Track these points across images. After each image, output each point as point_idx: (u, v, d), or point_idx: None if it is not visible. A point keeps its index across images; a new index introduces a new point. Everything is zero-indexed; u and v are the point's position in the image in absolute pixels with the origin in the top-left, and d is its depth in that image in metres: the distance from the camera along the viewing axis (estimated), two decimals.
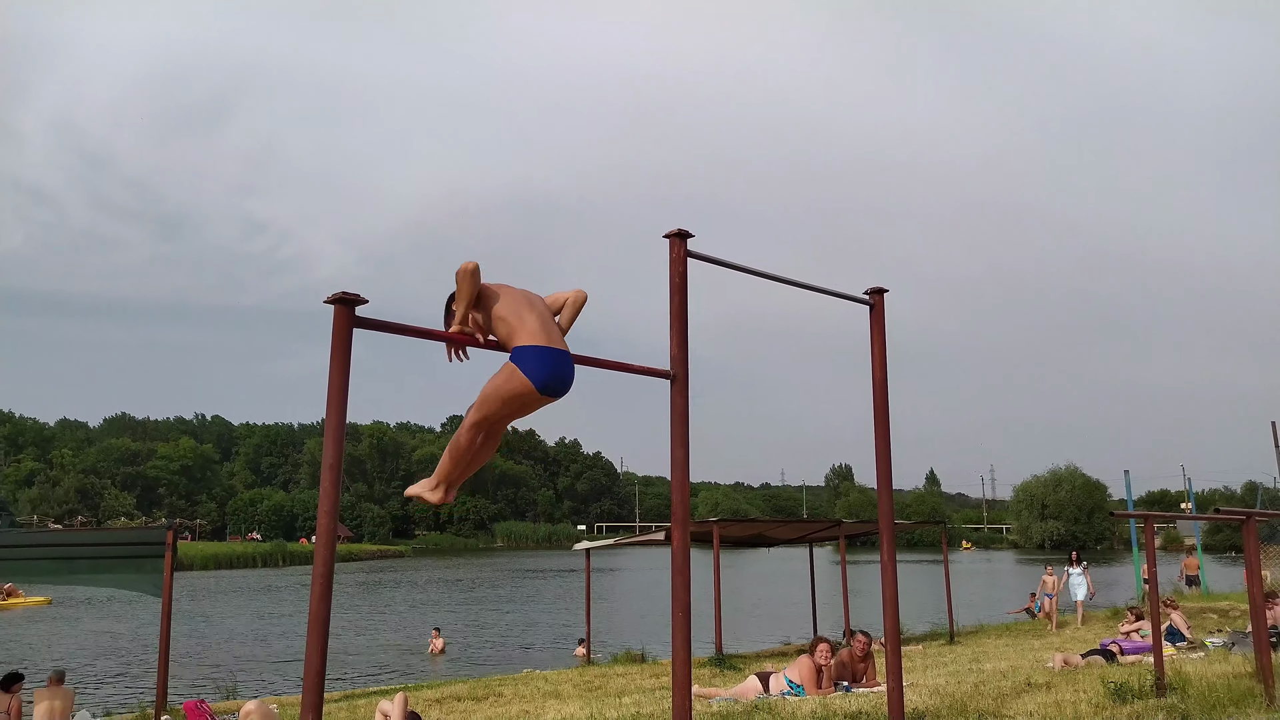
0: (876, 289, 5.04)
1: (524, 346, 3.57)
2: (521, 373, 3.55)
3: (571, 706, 9.11)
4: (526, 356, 3.56)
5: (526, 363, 3.55)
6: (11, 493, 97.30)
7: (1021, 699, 7.42)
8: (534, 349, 3.56)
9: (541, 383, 3.56)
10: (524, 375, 3.54)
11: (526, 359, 3.55)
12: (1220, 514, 8.99)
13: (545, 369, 3.56)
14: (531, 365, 3.55)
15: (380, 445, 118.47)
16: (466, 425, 3.70)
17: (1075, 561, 19.57)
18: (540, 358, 3.56)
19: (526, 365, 3.55)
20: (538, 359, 3.56)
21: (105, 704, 14.57)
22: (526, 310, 3.67)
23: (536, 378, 3.55)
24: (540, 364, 3.55)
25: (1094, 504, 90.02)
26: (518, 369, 3.56)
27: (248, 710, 6.69)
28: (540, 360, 3.56)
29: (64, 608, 33.66)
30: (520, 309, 3.67)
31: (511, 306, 3.67)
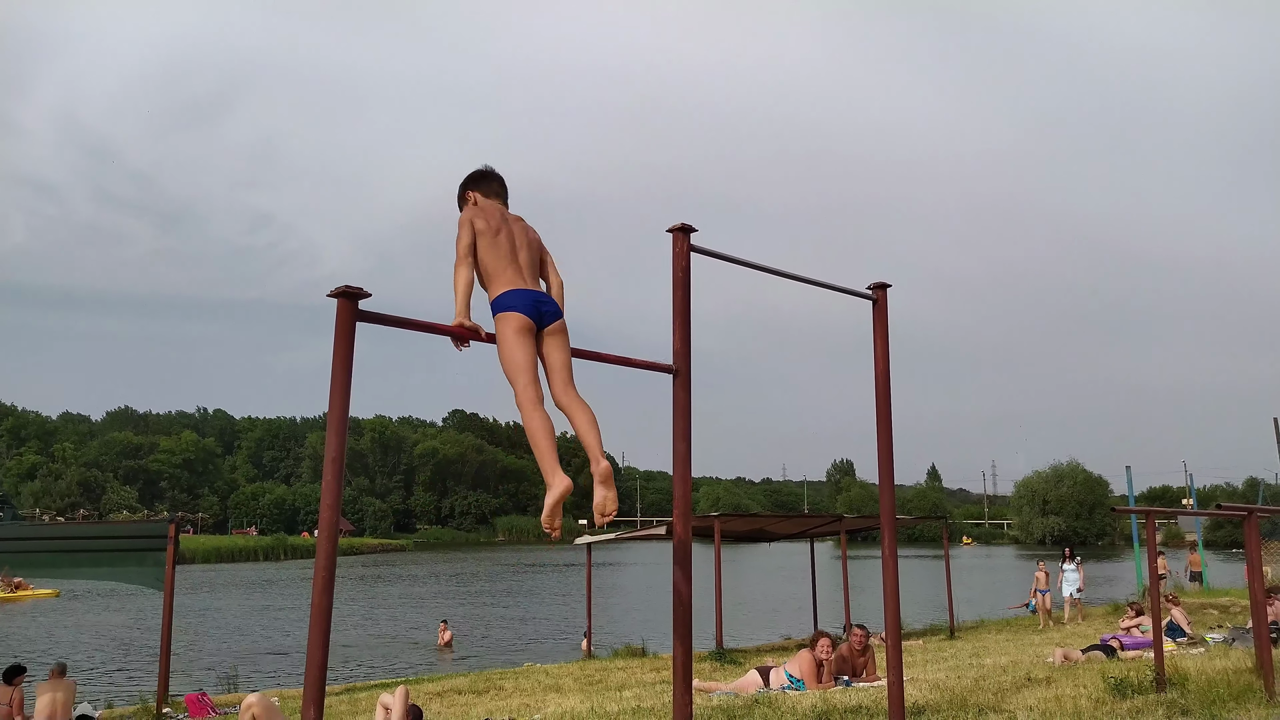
0: (879, 284, 5.04)
1: (500, 294, 3.76)
2: (508, 312, 3.72)
3: (572, 700, 9.13)
4: (503, 301, 3.75)
5: (506, 304, 3.73)
6: (14, 486, 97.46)
7: (1022, 694, 7.43)
8: (506, 293, 3.75)
9: (528, 310, 3.74)
10: (513, 312, 3.71)
11: (505, 302, 3.74)
12: (1222, 510, 8.99)
13: (525, 301, 3.74)
14: (511, 302, 3.73)
15: (382, 439, 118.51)
16: (522, 403, 3.67)
17: (1069, 557, 19.59)
18: (516, 295, 3.75)
19: (508, 305, 3.73)
20: (514, 297, 3.74)
21: (107, 696, 14.61)
22: (507, 263, 3.83)
23: (522, 308, 3.73)
24: (518, 299, 3.74)
25: (1095, 500, 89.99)
26: (505, 313, 3.73)
27: (249, 703, 6.71)
28: (517, 297, 3.75)
29: (71, 600, 33.76)
30: (502, 261, 3.83)
31: (493, 258, 3.83)
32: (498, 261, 3.82)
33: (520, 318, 3.71)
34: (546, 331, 3.79)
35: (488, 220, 3.90)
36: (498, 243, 3.85)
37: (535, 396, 3.65)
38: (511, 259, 3.85)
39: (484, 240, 3.84)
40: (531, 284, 3.86)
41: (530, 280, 3.87)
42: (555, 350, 3.80)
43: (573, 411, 3.77)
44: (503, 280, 3.79)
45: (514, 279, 3.80)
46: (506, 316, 3.72)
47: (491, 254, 3.83)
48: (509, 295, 3.75)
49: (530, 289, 3.81)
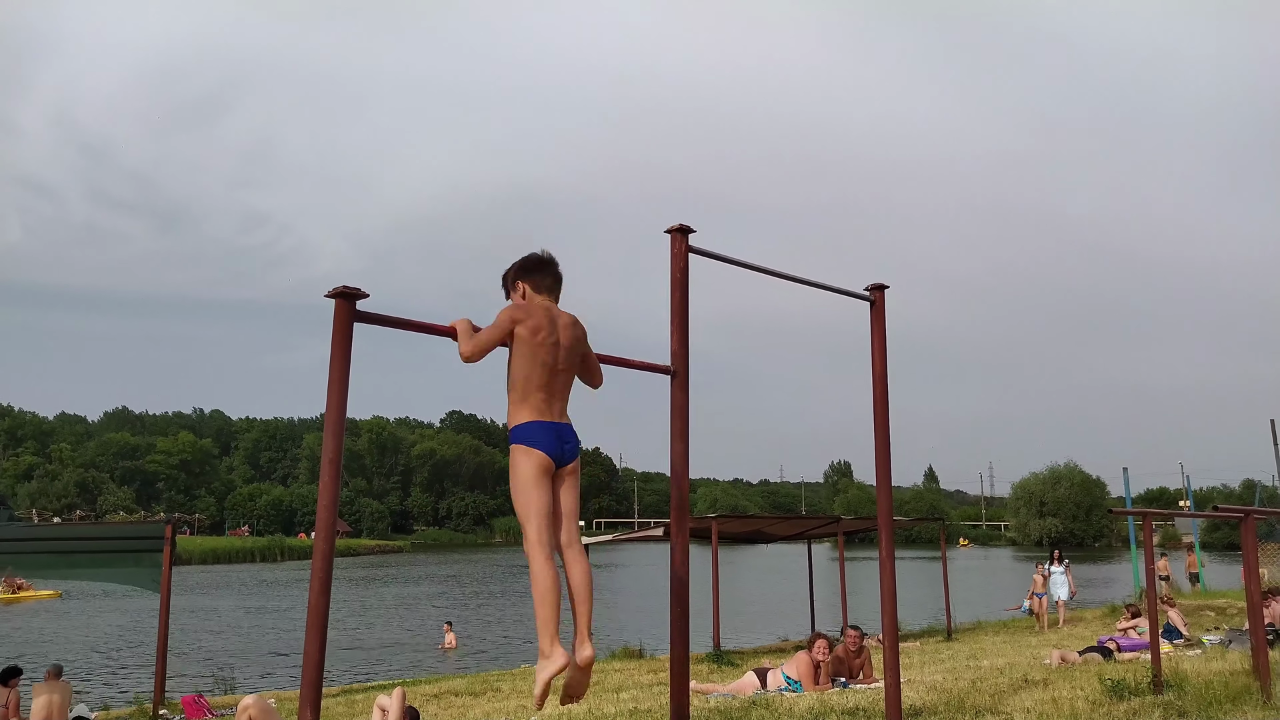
0: (877, 285, 5.04)
1: (522, 424, 3.51)
2: (531, 449, 3.48)
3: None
4: (525, 434, 3.50)
5: (529, 439, 3.49)
6: (10, 487, 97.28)
7: (1019, 695, 7.43)
8: (531, 425, 3.50)
9: (551, 449, 3.49)
10: (536, 450, 3.47)
11: (527, 436, 3.49)
12: (1218, 511, 9.01)
13: (549, 438, 3.49)
14: (535, 438, 3.48)
15: (379, 440, 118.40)
16: (532, 552, 3.43)
17: (1057, 560, 19.16)
18: (539, 430, 3.50)
19: (531, 440, 3.49)
20: (539, 432, 3.49)
21: (103, 698, 14.58)
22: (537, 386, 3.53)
23: (546, 447, 3.48)
24: (543, 436, 3.49)
25: (1092, 501, 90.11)
26: (524, 447, 3.49)
27: (245, 705, 6.70)
28: (542, 432, 3.49)
29: (68, 601, 33.71)
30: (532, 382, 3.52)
31: (525, 375, 3.52)
32: (529, 380, 3.51)
33: (542, 458, 3.46)
34: (563, 471, 3.56)
35: (533, 326, 3.52)
36: (537, 354, 3.51)
37: (549, 547, 3.44)
38: (546, 381, 3.54)
39: (522, 348, 3.51)
40: (559, 412, 3.58)
41: (559, 406, 3.60)
42: (568, 494, 3.59)
43: (572, 565, 3.57)
44: (529, 406, 3.51)
45: (540, 406, 3.52)
46: (528, 452, 3.46)
47: (527, 367, 3.51)
48: (533, 428, 3.48)
49: (556, 422, 3.54)
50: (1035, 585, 19.83)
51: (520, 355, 3.51)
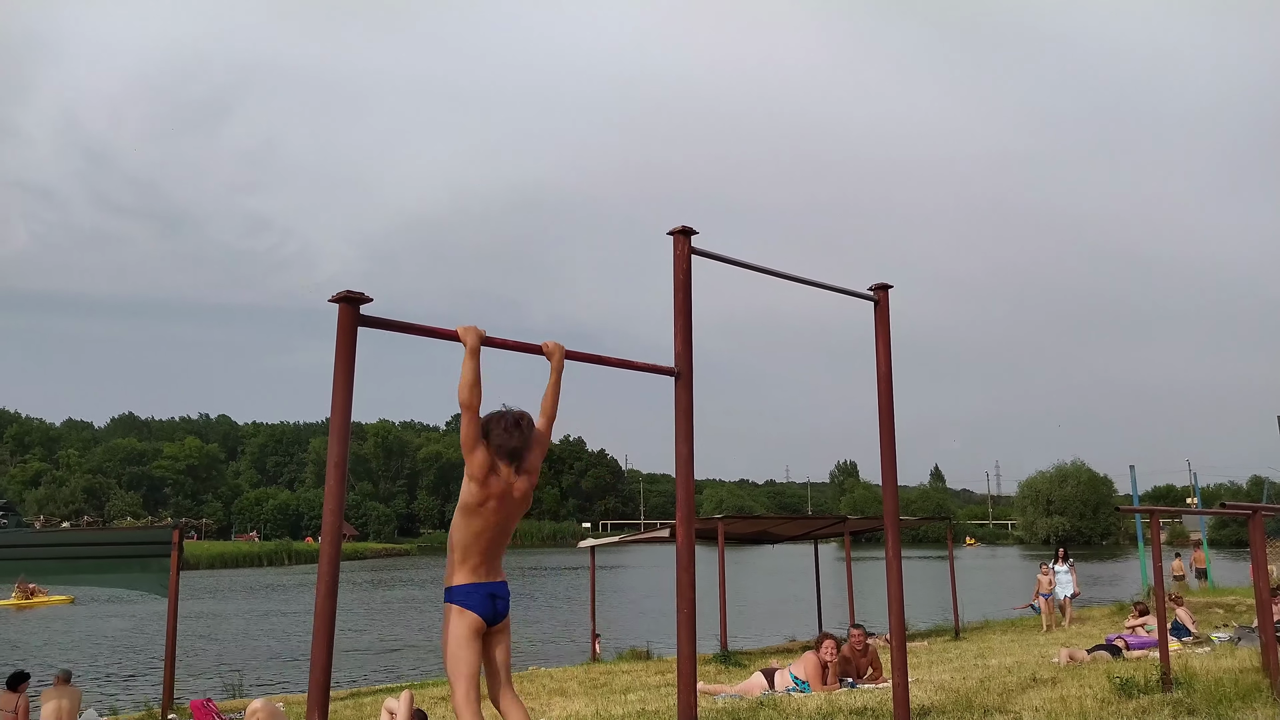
0: (881, 285, 5.03)
1: (458, 586, 3.75)
2: (464, 610, 3.72)
3: (577, 704, 9.12)
4: (460, 595, 3.74)
5: (463, 601, 3.73)
6: (18, 493, 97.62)
7: (1027, 694, 7.42)
8: (467, 587, 3.74)
9: (484, 611, 3.75)
10: (467, 611, 3.72)
11: (461, 597, 3.74)
12: (1226, 508, 8.98)
13: (483, 601, 3.75)
14: (469, 601, 3.73)
15: (385, 444, 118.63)
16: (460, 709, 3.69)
17: (1061, 558, 18.77)
18: (474, 593, 3.75)
19: (465, 602, 3.73)
20: (473, 595, 3.74)
21: (112, 703, 14.62)
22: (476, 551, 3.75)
23: (479, 609, 3.73)
24: (477, 598, 3.74)
25: (1100, 499, 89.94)
26: (457, 608, 3.73)
27: (254, 708, 6.71)
28: (476, 595, 3.75)
29: (80, 606, 33.81)
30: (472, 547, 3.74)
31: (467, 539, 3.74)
32: (469, 544, 3.74)
33: (474, 620, 3.71)
34: (494, 630, 3.82)
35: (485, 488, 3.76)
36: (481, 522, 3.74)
37: (477, 705, 3.71)
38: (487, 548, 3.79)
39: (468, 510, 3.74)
40: (495, 570, 3.84)
41: (496, 564, 3.85)
42: (499, 650, 3.85)
43: (511, 709, 3.85)
44: (466, 568, 3.75)
45: (478, 569, 3.76)
46: (461, 613, 3.72)
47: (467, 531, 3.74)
48: (468, 591, 3.73)
49: (490, 582, 3.79)
50: (1040, 585, 19.38)
51: (465, 522, 3.74)
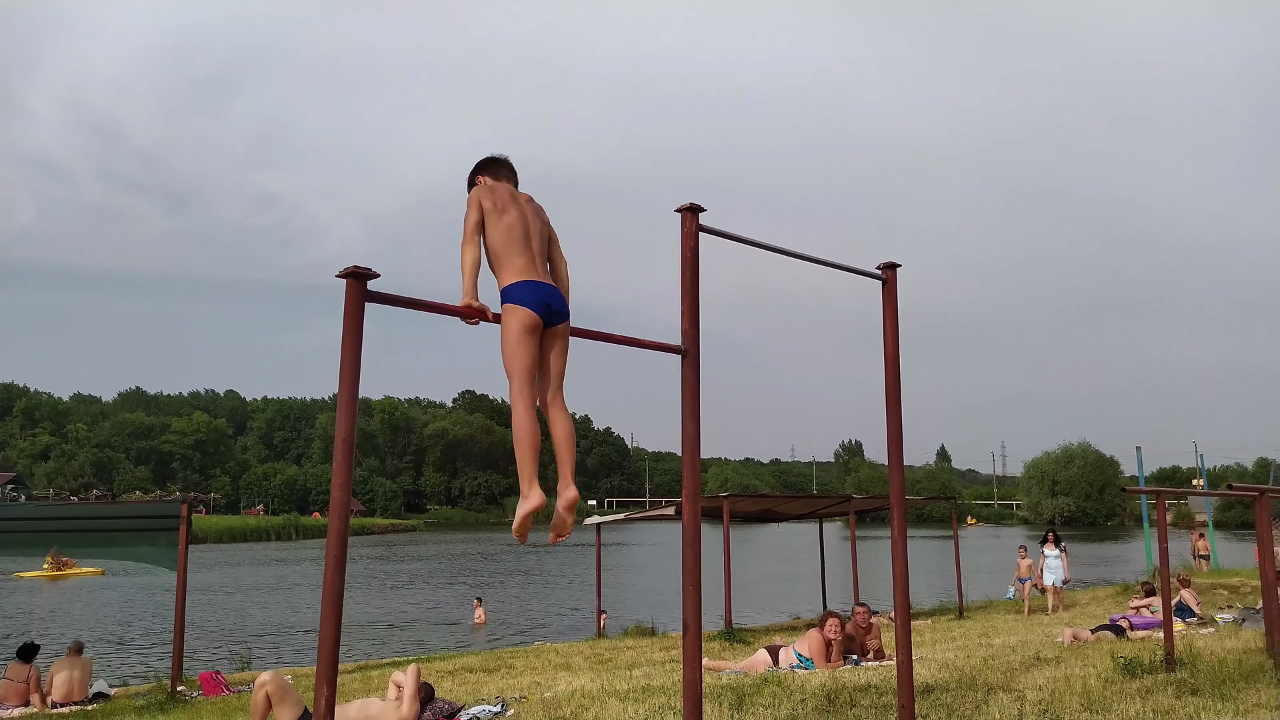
0: (889, 264, 5.00)
1: (510, 284, 3.72)
2: (518, 306, 3.68)
3: (583, 678, 9.18)
4: (514, 292, 3.70)
5: (516, 297, 3.69)
6: (27, 467, 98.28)
7: (1030, 673, 7.44)
8: (519, 284, 3.71)
9: (537, 307, 3.70)
10: (523, 307, 3.68)
11: (515, 294, 3.70)
12: (1232, 490, 8.97)
13: (535, 297, 3.70)
14: (521, 296, 3.69)
15: (392, 420, 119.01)
16: (515, 402, 3.69)
17: (1052, 542, 17.97)
18: (527, 289, 3.71)
19: (518, 298, 3.69)
20: (525, 290, 3.70)
21: (122, 674, 14.77)
22: (518, 249, 3.78)
23: (532, 304, 3.69)
24: (530, 293, 3.70)
25: (1105, 480, 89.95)
26: (512, 305, 3.69)
27: (263, 680, 6.76)
28: (528, 290, 3.71)
29: (114, 577, 34.21)
30: (511, 246, 3.77)
31: (503, 242, 3.77)
32: (508, 246, 3.76)
33: (529, 315, 3.67)
34: (550, 332, 3.76)
35: (496, 199, 3.84)
36: (508, 224, 3.79)
37: (530, 400, 3.69)
38: (523, 244, 3.79)
39: (492, 220, 3.79)
40: (541, 273, 3.80)
41: (540, 268, 3.82)
42: (555, 355, 3.81)
43: (556, 421, 3.82)
44: (512, 268, 3.74)
45: (524, 268, 3.74)
46: (515, 310, 3.67)
47: (501, 236, 3.77)
48: (520, 287, 3.70)
49: (541, 281, 3.75)
50: (1019, 569, 18.81)
51: (493, 227, 3.79)
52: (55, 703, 10.71)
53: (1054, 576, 17.63)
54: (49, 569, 34.18)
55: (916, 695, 5.42)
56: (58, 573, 34.18)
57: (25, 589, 31.42)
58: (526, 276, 3.73)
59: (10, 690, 10.72)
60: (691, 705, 3.91)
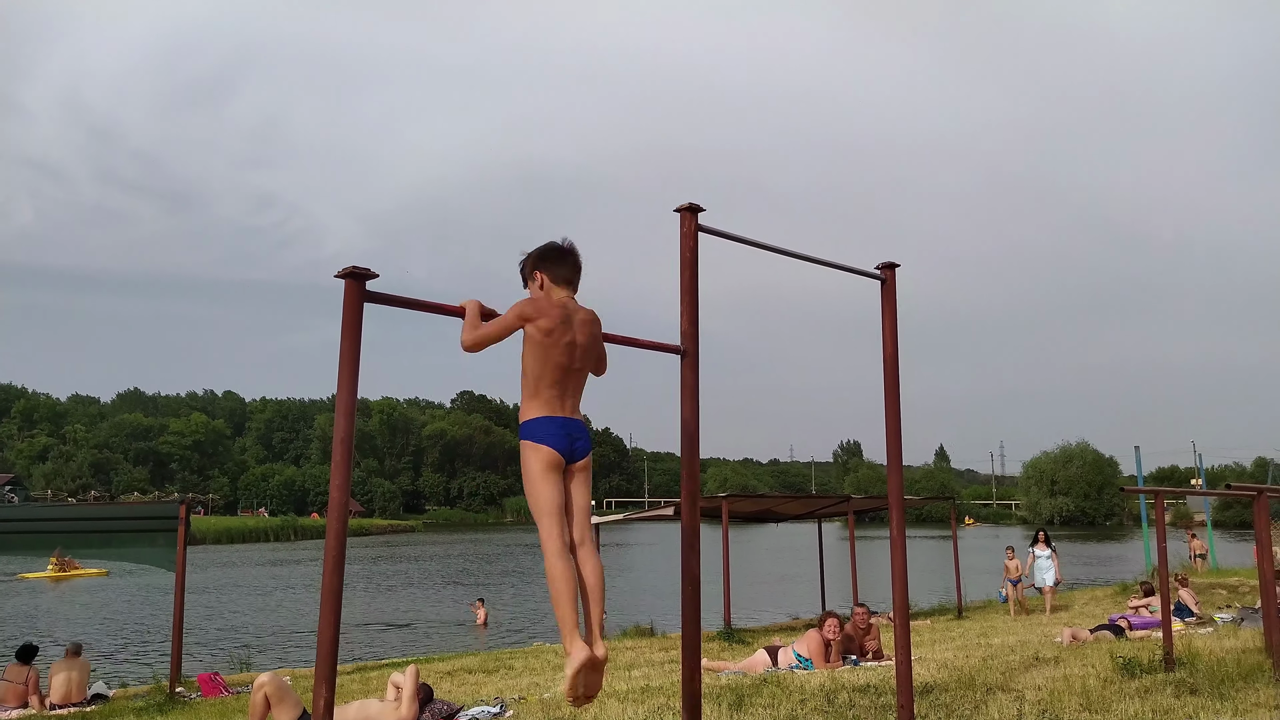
0: (888, 264, 5.00)
1: (532, 420, 3.49)
2: (540, 445, 3.46)
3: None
4: (536, 429, 3.48)
5: (538, 435, 3.47)
6: (26, 468, 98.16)
7: (1030, 673, 7.45)
8: (541, 420, 3.49)
9: (560, 445, 3.47)
10: (545, 446, 3.46)
11: (537, 431, 3.48)
12: (1231, 490, 8.98)
13: (559, 434, 3.47)
14: (544, 434, 3.47)
15: (390, 421, 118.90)
16: (548, 549, 3.42)
17: (1043, 542, 17.48)
18: (549, 426, 3.48)
19: (540, 437, 3.47)
20: (548, 427, 3.48)
21: (121, 676, 14.75)
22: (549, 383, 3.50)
23: (555, 443, 3.46)
24: (552, 431, 3.47)
25: (1104, 480, 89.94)
26: (535, 444, 3.47)
27: (261, 682, 6.75)
28: (550, 427, 3.48)
29: (117, 578, 34.18)
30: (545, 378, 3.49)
31: (538, 370, 3.49)
32: (542, 375, 3.48)
33: (551, 454, 3.45)
34: (574, 468, 3.54)
35: (546, 326, 3.45)
36: (550, 353, 3.47)
37: (563, 544, 3.42)
38: (559, 379, 3.51)
39: (534, 346, 3.46)
40: (571, 408, 3.55)
41: (572, 402, 3.56)
42: (579, 491, 3.56)
43: (585, 563, 3.52)
44: (539, 401, 3.49)
45: (551, 402, 3.49)
46: (537, 449, 3.45)
47: (538, 362, 3.47)
48: (542, 424, 3.47)
49: (567, 417, 3.52)
50: (1008, 571, 18.36)
51: (532, 353, 3.46)
52: (54, 704, 10.69)
53: (1045, 578, 17.28)
54: (53, 570, 34.17)
55: (915, 695, 5.42)
56: (62, 574, 34.17)
57: (29, 590, 31.40)
58: (551, 411, 3.49)
59: (9, 692, 10.71)
60: (690, 706, 3.91)
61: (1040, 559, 17.36)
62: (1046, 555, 17.30)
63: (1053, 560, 17.29)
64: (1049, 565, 17.24)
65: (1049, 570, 17.22)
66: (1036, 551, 17.49)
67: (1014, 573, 18.15)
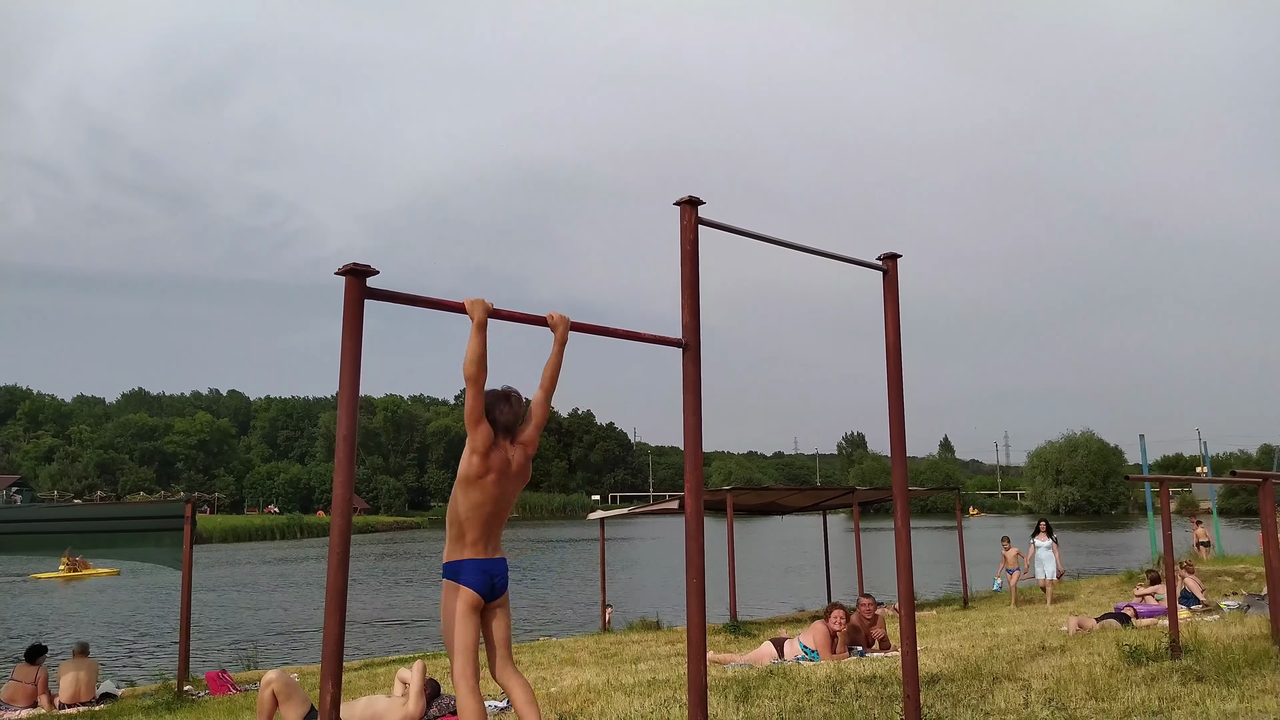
0: (890, 254, 4.99)
1: (456, 561, 3.79)
2: (462, 586, 3.76)
3: (588, 673, 9.20)
4: (460, 571, 3.79)
5: (462, 577, 3.77)
6: (32, 469, 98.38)
7: (1036, 662, 7.45)
8: (465, 563, 3.79)
9: (481, 588, 3.78)
10: (465, 588, 3.76)
11: (461, 573, 3.78)
12: (1236, 477, 8.95)
13: (480, 578, 3.78)
14: (467, 577, 3.77)
15: (394, 418, 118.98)
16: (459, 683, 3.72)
17: (1044, 533, 17.18)
18: (472, 569, 3.78)
19: (464, 579, 3.77)
20: (471, 571, 3.78)
21: (129, 675, 14.80)
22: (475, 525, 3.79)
23: (477, 585, 3.76)
24: (474, 575, 3.77)
25: (1109, 469, 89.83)
26: (457, 584, 3.77)
27: (268, 679, 6.77)
28: (473, 570, 3.78)
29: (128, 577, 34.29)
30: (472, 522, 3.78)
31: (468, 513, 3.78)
32: (469, 519, 3.80)
33: (471, 596, 3.75)
34: (492, 605, 3.85)
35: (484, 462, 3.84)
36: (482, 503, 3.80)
37: (474, 680, 3.74)
38: (487, 523, 3.83)
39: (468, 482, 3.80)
40: (494, 548, 3.87)
41: (495, 541, 3.88)
42: (498, 626, 3.88)
43: (512, 689, 3.86)
44: (464, 543, 3.80)
45: (475, 543, 3.80)
46: (456, 588, 3.75)
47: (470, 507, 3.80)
48: (465, 566, 3.77)
49: (488, 559, 3.82)
50: (1006, 561, 18.02)
51: (465, 493, 3.78)
52: (63, 704, 10.74)
53: (1046, 569, 16.95)
54: (64, 570, 34.29)
55: (922, 685, 5.43)
56: (73, 574, 34.31)
57: (39, 590, 31.51)
58: (475, 554, 3.79)
59: (18, 691, 10.75)
60: (697, 698, 3.91)
61: (1040, 549, 17.07)
62: (1047, 546, 17.02)
63: (1054, 551, 16.99)
64: (1050, 556, 16.95)
65: (1050, 561, 16.93)
66: (1037, 542, 17.16)
67: (1012, 561, 17.82)
